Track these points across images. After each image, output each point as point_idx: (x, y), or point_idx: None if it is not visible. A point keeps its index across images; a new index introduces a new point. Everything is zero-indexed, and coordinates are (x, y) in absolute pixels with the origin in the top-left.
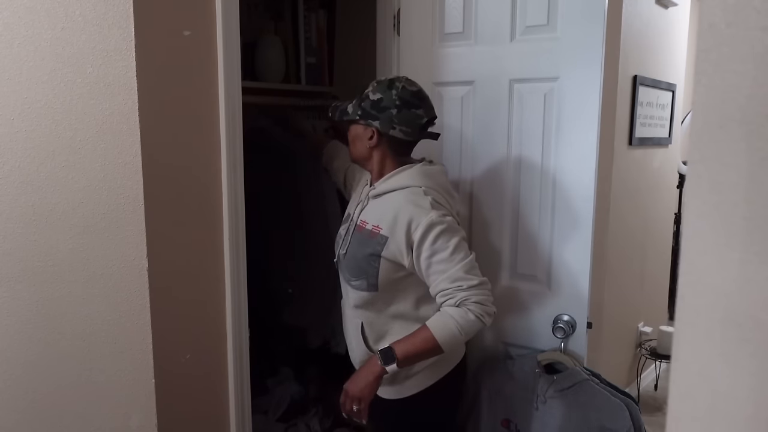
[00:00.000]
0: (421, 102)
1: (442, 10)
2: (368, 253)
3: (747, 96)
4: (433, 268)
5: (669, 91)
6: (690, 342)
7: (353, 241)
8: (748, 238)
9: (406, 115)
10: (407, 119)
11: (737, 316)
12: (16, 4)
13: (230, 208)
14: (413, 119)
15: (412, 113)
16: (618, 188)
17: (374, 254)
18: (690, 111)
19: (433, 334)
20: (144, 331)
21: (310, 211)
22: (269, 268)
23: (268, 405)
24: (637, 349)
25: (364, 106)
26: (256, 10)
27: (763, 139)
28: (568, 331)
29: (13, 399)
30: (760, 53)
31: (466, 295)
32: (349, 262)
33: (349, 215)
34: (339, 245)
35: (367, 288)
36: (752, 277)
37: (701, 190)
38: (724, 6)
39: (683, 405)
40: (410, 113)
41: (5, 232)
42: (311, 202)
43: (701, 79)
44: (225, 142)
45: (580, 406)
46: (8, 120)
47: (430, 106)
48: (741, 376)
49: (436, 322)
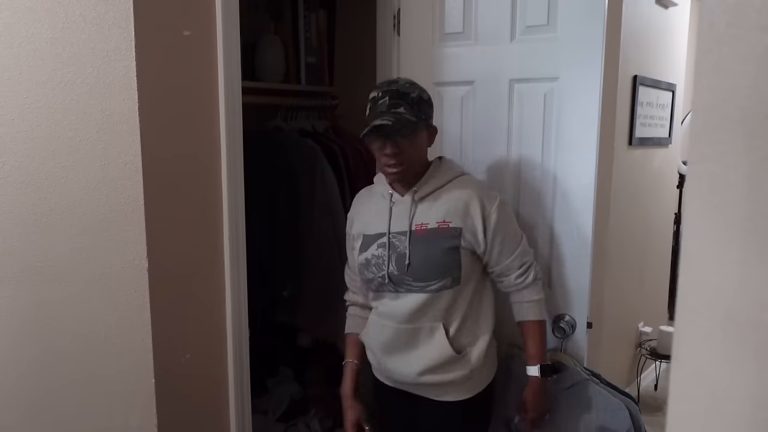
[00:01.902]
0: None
1: (442, 10)
2: (447, 248)
3: (747, 96)
4: (506, 247)
5: (669, 91)
6: (690, 342)
7: (419, 246)
8: (748, 237)
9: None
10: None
11: (737, 316)
12: (16, 4)
13: (230, 208)
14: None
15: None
16: (618, 188)
17: (453, 247)
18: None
19: (543, 323)
20: (144, 331)
21: (312, 210)
22: (269, 267)
23: (268, 405)
24: (637, 349)
25: (423, 107)
26: (256, 10)
27: (763, 139)
28: (568, 331)
29: (13, 399)
30: (760, 53)
31: (537, 269)
32: (426, 266)
33: (383, 233)
34: (387, 262)
35: (451, 284)
36: (752, 277)
37: (701, 190)
38: (724, 6)
39: (683, 405)
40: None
41: (5, 232)
42: (313, 201)
43: (701, 79)
44: (225, 142)
45: (580, 406)
46: (8, 120)
47: None
48: (741, 377)
49: (539, 311)
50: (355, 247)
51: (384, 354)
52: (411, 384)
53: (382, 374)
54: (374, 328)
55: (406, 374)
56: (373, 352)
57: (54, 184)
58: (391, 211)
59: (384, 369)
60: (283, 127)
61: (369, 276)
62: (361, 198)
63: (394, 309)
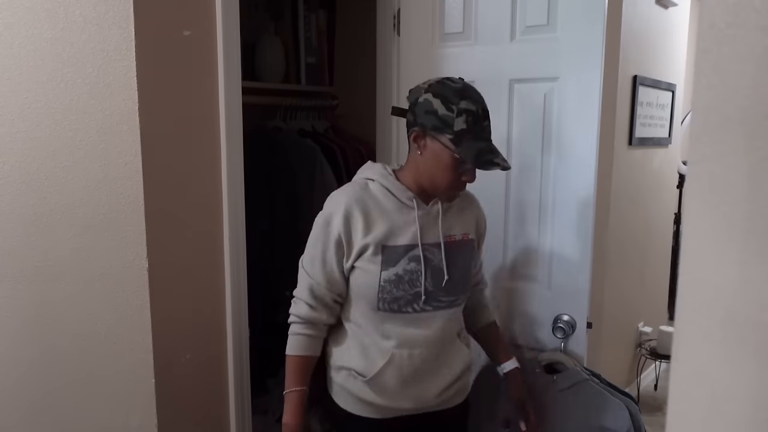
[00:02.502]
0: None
1: (441, 10)
2: (471, 259)
3: (747, 96)
4: (480, 258)
5: (669, 91)
6: (690, 342)
7: (453, 259)
8: (748, 237)
9: None
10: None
11: (737, 316)
12: (16, 4)
13: (230, 208)
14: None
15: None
16: (618, 188)
17: (474, 259)
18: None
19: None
20: (144, 331)
21: (311, 210)
22: (270, 267)
23: (268, 405)
24: (637, 349)
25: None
26: (256, 10)
27: (763, 139)
28: (568, 331)
29: (14, 399)
30: (760, 53)
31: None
32: (462, 280)
33: (414, 245)
34: (422, 277)
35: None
36: (752, 277)
37: (701, 190)
38: (724, 6)
39: (683, 405)
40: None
41: (5, 232)
42: (312, 201)
43: (701, 79)
44: (225, 142)
45: (580, 406)
46: (8, 120)
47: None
48: (741, 377)
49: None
50: (370, 259)
51: (403, 386)
52: (432, 404)
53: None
54: (396, 362)
55: (427, 397)
56: (384, 388)
57: (54, 184)
58: (419, 220)
59: (396, 400)
60: (282, 127)
61: (397, 294)
62: (361, 201)
63: (419, 333)
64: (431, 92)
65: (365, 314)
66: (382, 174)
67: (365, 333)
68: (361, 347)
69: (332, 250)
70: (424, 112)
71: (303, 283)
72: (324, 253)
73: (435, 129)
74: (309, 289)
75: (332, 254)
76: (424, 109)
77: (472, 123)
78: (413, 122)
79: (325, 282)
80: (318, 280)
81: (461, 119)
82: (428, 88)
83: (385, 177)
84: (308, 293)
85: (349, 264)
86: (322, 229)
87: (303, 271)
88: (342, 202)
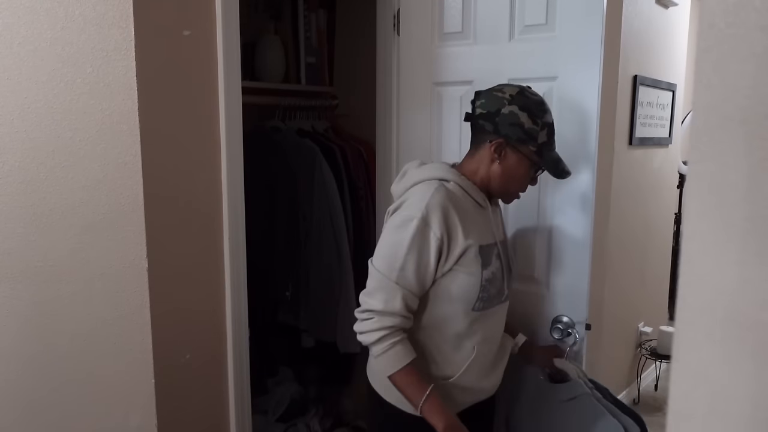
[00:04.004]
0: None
1: (441, 10)
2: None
3: (747, 96)
4: None
5: (669, 91)
6: (690, 342)
7: (511, 254)
8: (747, 238)
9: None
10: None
11: (737, 316)
12: (16, 4)
13: (230, 208)
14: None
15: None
16: (618, 188)
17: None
18: (690, 111)
19: None
20: (144, 331)
21: (311, 209)
22: (269, 267)
23: (268, 405)
24: (637, 349)
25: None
26: (256, 10)
27: (763, 139)
28: (566, 332)
29: (13, 398)
30: (760, 53)
31: None
32: (516, 274)
33: (491, 244)
34: (503, 273)
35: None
36: (752, 277)
37: (701, 190)
38: (724, 6)
39: (683, 405)
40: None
41: (5, 232)
42: (312, 200)
43: (701, 79)
44: (225, 142)
45: (577, 420)
46: (8, 120)
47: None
48: (740, 376)
49: None
50: (473, 260)
51: (479, 380)
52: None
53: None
54: (478, 359)
55: (492, 386)
56: (464, 386)
57: (54, 184)
58: (494, 219)
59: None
60: (282, 127)
61: (493, 291)
62: (452, 202)
63: (494, 327)
64: (516, 105)
65: (455, 317)
66: (456, 174)
67: (444, 338)
68: (437, 351)
69: (432, 254)
70: (508, 124)
71: (390, 294)
72: (420, 257)
73: (519, 141)
74: (402, 300)
75: (432, 258)
76: (509, 121)
77: (551, 135)
78: (494, 131)
79: (418, 289)
80: (411, 288)
81: (544, 132)
82: (512, 99)
83: (460, 178)
84: (402, 305)
85: (448, 266)
86: (419, 232)
87: (388, 281)
88: (436, 203)
